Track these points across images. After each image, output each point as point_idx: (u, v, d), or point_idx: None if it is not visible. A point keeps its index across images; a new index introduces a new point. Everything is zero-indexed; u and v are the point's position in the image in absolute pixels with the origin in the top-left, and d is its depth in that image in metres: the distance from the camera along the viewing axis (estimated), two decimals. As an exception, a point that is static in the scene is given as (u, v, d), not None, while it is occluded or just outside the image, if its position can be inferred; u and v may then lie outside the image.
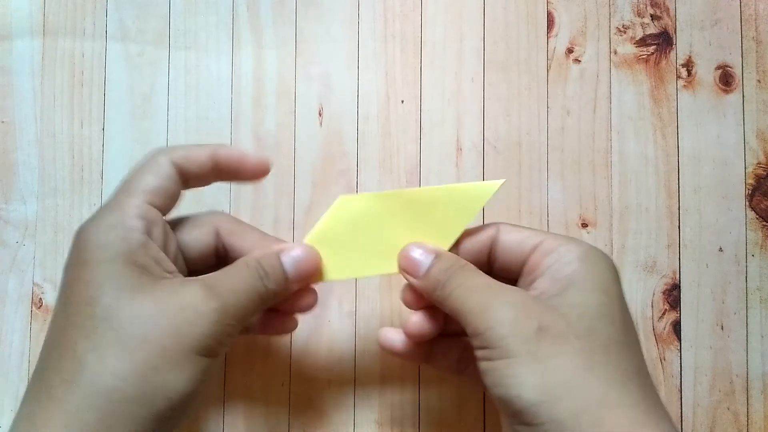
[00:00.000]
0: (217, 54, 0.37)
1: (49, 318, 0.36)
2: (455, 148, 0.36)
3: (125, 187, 0.27)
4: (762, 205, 0.35)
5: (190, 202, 0.36)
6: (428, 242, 0.28)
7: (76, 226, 0.36)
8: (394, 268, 0.29)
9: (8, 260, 0.36)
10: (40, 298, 0.36)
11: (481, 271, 0.27)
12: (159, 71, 0.37)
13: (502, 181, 0.29)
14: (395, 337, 0.30)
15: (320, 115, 0.36)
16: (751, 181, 0.35)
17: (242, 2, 0.37)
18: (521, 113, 0.36)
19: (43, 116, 0.37)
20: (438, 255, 0.28)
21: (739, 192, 0.35)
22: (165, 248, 0.27)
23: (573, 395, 0.24)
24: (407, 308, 0.29)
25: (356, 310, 0.36)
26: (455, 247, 0.29)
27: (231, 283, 0.26)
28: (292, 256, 0.28)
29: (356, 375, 0.35)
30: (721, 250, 0.35)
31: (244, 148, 0.36)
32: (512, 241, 0.28)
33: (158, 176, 0.27)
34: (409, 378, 0.35)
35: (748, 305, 0.35)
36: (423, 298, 0.29)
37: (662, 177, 0.35)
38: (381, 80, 0.36)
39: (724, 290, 0.35)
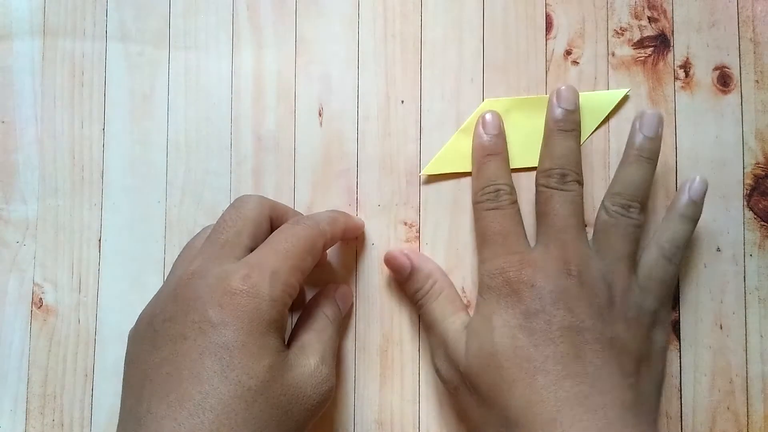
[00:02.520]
0: (217, 54, 0.37)
1: (49, 318, 0.36)
2: (455, 148, 0.36)
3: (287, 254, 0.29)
4: (760, 205, 0.35)
5: (191, 201, 0.36)
6: None
7: (77, 226, 0.36)
8: (524, 162, 0.35)
9: (8, 260, 0.36)
10: (41, 298, 0.36)
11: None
12: (159, 71, 0.37)
13: (626, 90, 0.35)
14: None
15: (320, 115, 0.36)
16: (749, 181, 0.35)
17: (242, 2, 0.37)
18: (520, 114, 0.36)
19: (43, 116, 0.37)
20: None
21: (738, 192, 0.35)
22: None
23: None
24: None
25: (356, 310, 0.36)
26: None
27: (328, 345, 0.30)
28: (342, 295, 0.34)
29: (356, 375, 0.35)
30: (719, 249, 0.35)
31: (244, 148, 0.36)
32: None
33: (316, 257, 0.30)
34: (409, 378, 0.35)
35: (747, 305, 0.35)
36: None
37: (660, 178, 0.35)
38: (381, 80, 0.36)
39: (722, 290, 0.35)
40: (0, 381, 0.36)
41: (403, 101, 0.36)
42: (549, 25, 0.36)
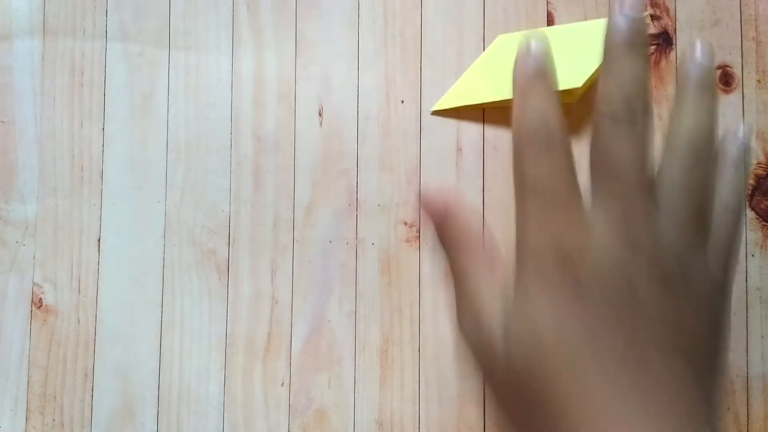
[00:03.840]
0: (217, 54, 0.37)
1: (49, 318, 0.36)
2: (455, 148, 0.36)
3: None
4: (762, 205, 0.35)
5: (190, 201, 0.36)
6: (568, 73, 0.34)
7: (76, 226, 0.36)
8: None
9: (8, 260, 0.36)
10: (40, 298, 0.36)
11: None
12: (159, 71, 0.37)
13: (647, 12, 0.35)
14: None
15: (320, 115, 0.36)
16: (750, 181, 0.35)
17: (242, 2, 0.37)
18: (521, 113, 0.36)
19: (43, 116, 0.37)
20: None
21: (739, 192, 0.35)
22: None
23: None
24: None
25: (356, 310, 0.36)
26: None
27: None
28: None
29: (356, 375, 0.35)
30: (721, 250, 0.35)
31: (244, 148, 0.36)
32: None
33: None
34: (409, 378, 0.35)
35: (748, 305, 0.35)
36: None
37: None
38: (381, 80, 0.36)
39: (724, 290, 0.35)
40: (0, 381, 0.36)
41: (403, 101, 0.36)
42: (550, 23, 0.36)
